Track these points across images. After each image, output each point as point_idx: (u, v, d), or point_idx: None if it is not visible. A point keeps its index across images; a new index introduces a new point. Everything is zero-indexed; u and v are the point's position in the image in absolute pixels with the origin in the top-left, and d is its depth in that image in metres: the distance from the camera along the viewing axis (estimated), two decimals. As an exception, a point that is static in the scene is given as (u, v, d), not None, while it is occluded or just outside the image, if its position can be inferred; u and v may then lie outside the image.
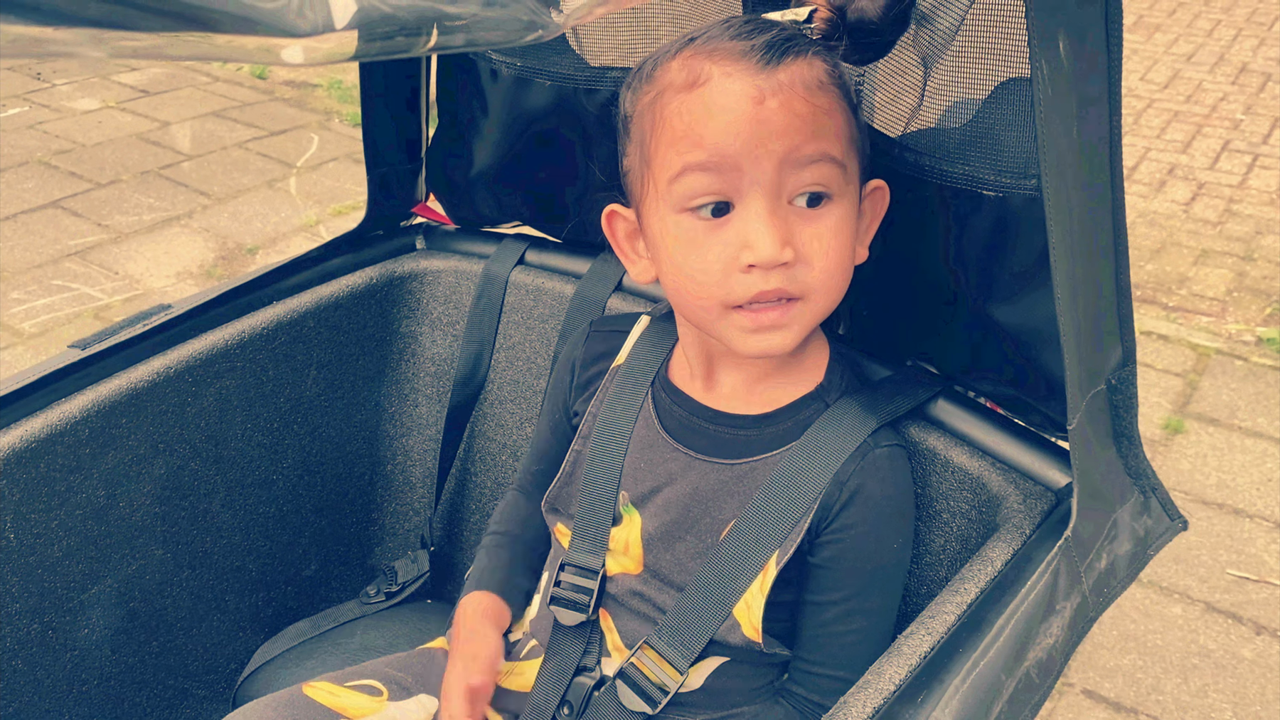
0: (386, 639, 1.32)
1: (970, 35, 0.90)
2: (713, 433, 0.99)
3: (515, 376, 1.34)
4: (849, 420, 0.96)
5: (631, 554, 1.01)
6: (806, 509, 0.94)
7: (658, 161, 0.89)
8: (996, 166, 0.90)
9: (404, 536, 1.44)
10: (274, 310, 1.24)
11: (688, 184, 0.87)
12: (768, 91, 0.84)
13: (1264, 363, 2.84)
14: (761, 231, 0.85)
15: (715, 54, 0.86)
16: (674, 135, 0.87)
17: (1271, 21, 5.29)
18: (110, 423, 1.10)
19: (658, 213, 0.91)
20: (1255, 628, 2.05)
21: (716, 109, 0.85)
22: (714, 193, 0.87)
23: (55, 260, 3.26)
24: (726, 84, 0.85)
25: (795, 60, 0.86)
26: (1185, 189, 3.79)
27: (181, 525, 1.21)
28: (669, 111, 0.88)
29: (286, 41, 0.39)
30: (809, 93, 0.85)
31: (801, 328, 0.90)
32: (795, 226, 0.87)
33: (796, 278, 0.88)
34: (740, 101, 0.84)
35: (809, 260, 0.87)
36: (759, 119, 0.84)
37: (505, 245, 1.34)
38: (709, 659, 0.98)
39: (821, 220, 0.88)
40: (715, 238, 0.88)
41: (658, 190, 0.90)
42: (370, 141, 1.30)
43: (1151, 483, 0.97)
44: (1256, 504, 2.36)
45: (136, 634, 1.19)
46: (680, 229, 0.89)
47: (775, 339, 0.89)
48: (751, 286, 0.87)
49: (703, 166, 0.86)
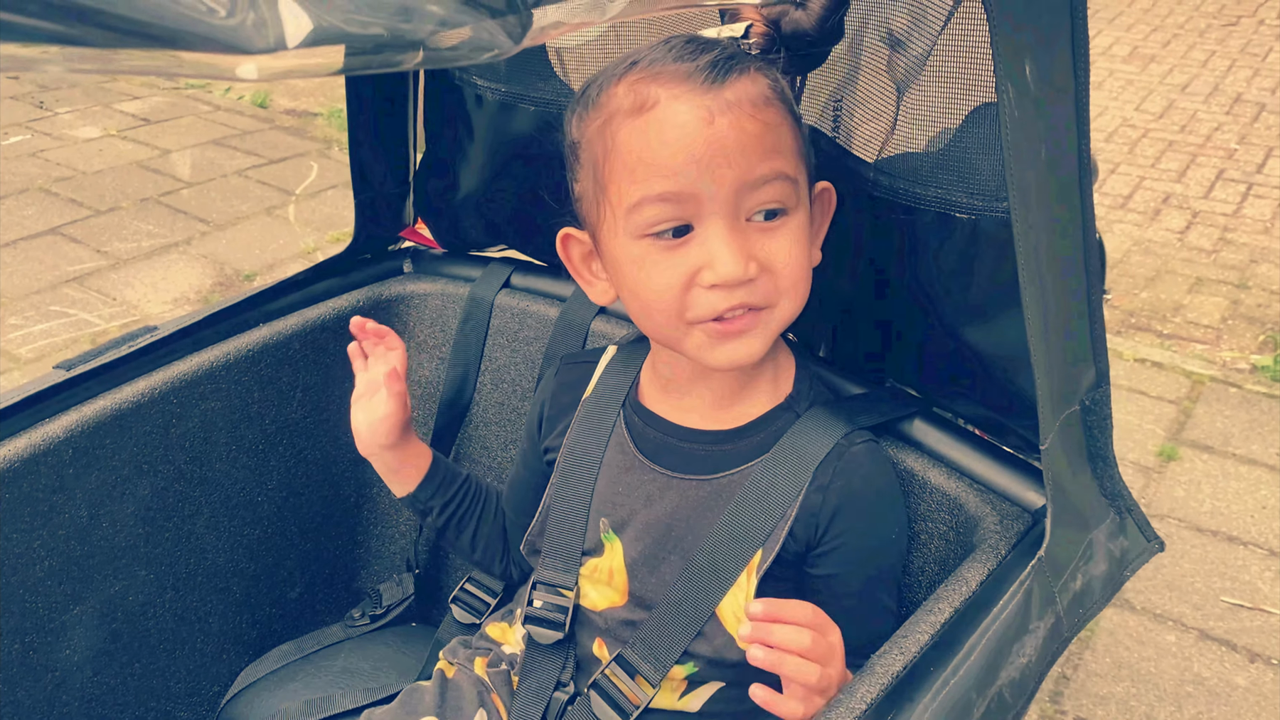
0: (370, 662, 1.32)
1: (943, 60, 0.91)
2: (687, 450, 1.00)
3: (500, 399, 1.34)
4: (821, 426, 0.97)
5: (616, 583, 1.01)
6: (783, 515, 0.94)
7: (613, 189, 0.89)
8: (969, 189, 0.91)
9: (389, 559, 1.44)
10: (260, 333, 1.25)
11: (646, 214, 0.87)
12: (716, 111, 0.85)
13: (1258, 390, 2.84)
14: (724, 252, 0.86)
15: (660, 76, 0.87)
16: (628, 163, 0.87)
17: (1265, 53, 5.33)
18: (94, 443, 1.11)
19: (616, 238, 0.91)
20: (1249, 655, 2.04)
21: (668, 134, 0.85)
22: (673, 219, 0.87)
23: (54, 286, 3.28)
24: (675, 106, 0.85)
25: (740, 77, 0.87)
26: (1180, 217, 3.80)
27: (165, 546, 1.21)
28: (620, 138, 0.88)
29: (242, 59, 0.41)
30: (755, 109, 0.86)
31: (768, 335, 0.91)
32: (755, 241, 0.88)
33: (759, 290, 0.88)
34: (690, 124, 0.85)
35: (771, 270, 0.88)
36: (711, 141, 0.84)
37: (491, 269, 1.35)
38: (708, 684, 0.98)
39: (779, 232, 0.89)
40: (675, 257, 0.88)
41: (615, 216, 0.90)
42: (358, 166, 1.31)
43: (1128, 503, 0.97)
44: (1251, 531, 2.35)
45: (119, 655, 1.19)
46: (639, 252, 0.89)
47: (742, 348, 0.90)
48: (715, 304, 0.88)
49: (661, 198, 0.86)
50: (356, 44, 0.42)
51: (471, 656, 1.12)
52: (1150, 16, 5.90)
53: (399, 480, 1.17)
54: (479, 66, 1.21)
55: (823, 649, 0.82)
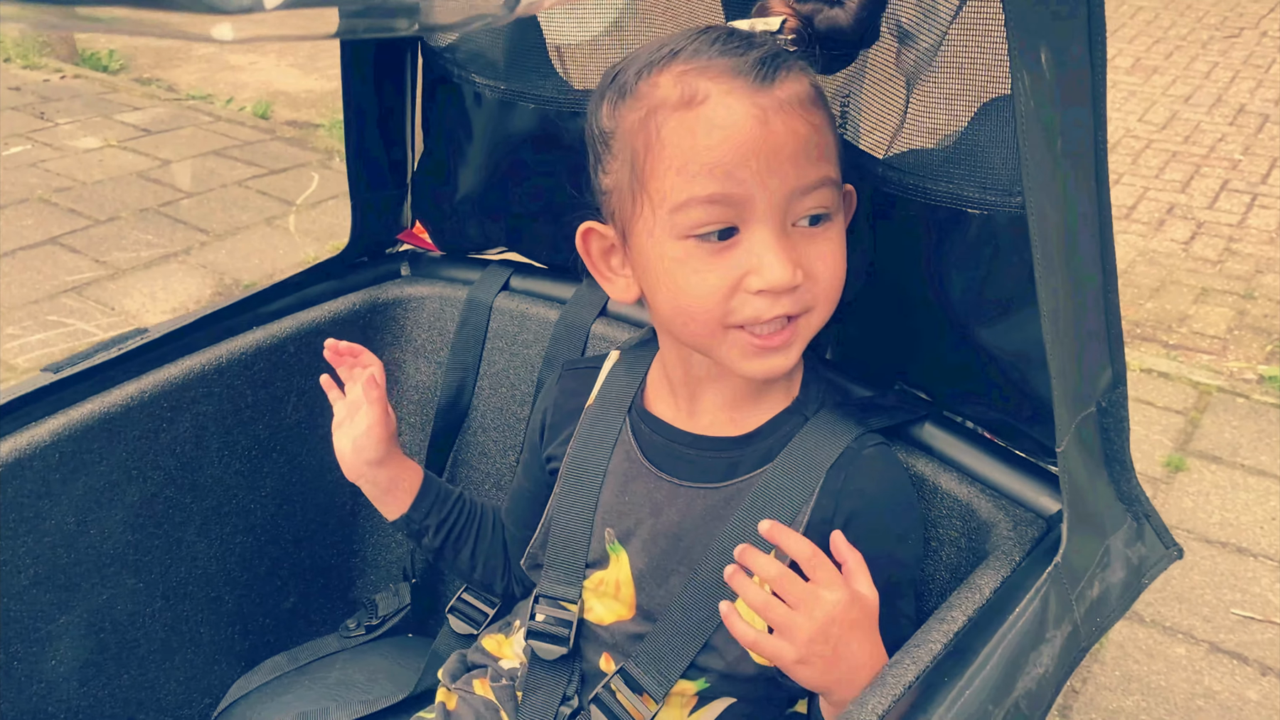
0: (366, 674, 1.29)
1: (954, 51, 0.89)
2: (694, 458, 0.97)
3: (499, 404, 1.31)
4: (830, 430, 0.94)
5: (623, 596, 0.98)
6: (793, 521, 0.91)
7: (655, 185, 0.85)
8: (981, 184, 0.88)
9: (385, 569, 1.41)
10: (253, 335, 1.22)
11: (693, 215, 0.83)
12: (770, 110, 0.81)
13: (1266, 400, 2.81)
14: (773, 259, 0.83)
15: (709, 70, 0.83)
16: (676, 160, 0.83)
17: (1269, 64, 5.32)
18: (82, 447, 1.08)
19: (653, 235, 0.87)
20: (1261, 668, 2.01)
21: (721, 133, 0.81)
22: (720, 221, 0.84)
23: (51, 296, 3.25)
24: (727, 103, 0.82)
25: (788, 76, 0.84)
26: (1184, 228, 3.78)
27: (155, 554, 1.18)
28: (665, 132, 0.84)
29: (218, 19, 0.38)
30: (804, 110, 0.84)
31: (802, 344, 0.89)
32: (800, 247, 0.85)
33: (804, 298, 0.86)
34: (744, 123, 0.81)
35: (815, 277, 0.86)
36: (766, 142, 0.81)
37: (490, 271, 1.32)
38: (720, 699, 0.95)
39: (823, 239, 0.87)
40: (719, 260, 0.84)
41: (655, 214, 0.86)
42: (354, 167, 1.28)
43: (1145, 509, 0.94)
44: (1260, 543, 2.32)
45: (106, 666, 1.16)
46: (680, 252, 0.85)
47: (779, 360, 0.88)
48: (759, 310, 0.85)
49: (711, 200, 0.82)
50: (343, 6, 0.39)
51: (470, 680, 1.08)
52: (1153, 29, 5.90)
53: (391, 501, 1.13)
54: (478, 63, 1.19)
55: (797, 591, 0.81)
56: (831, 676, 0.83)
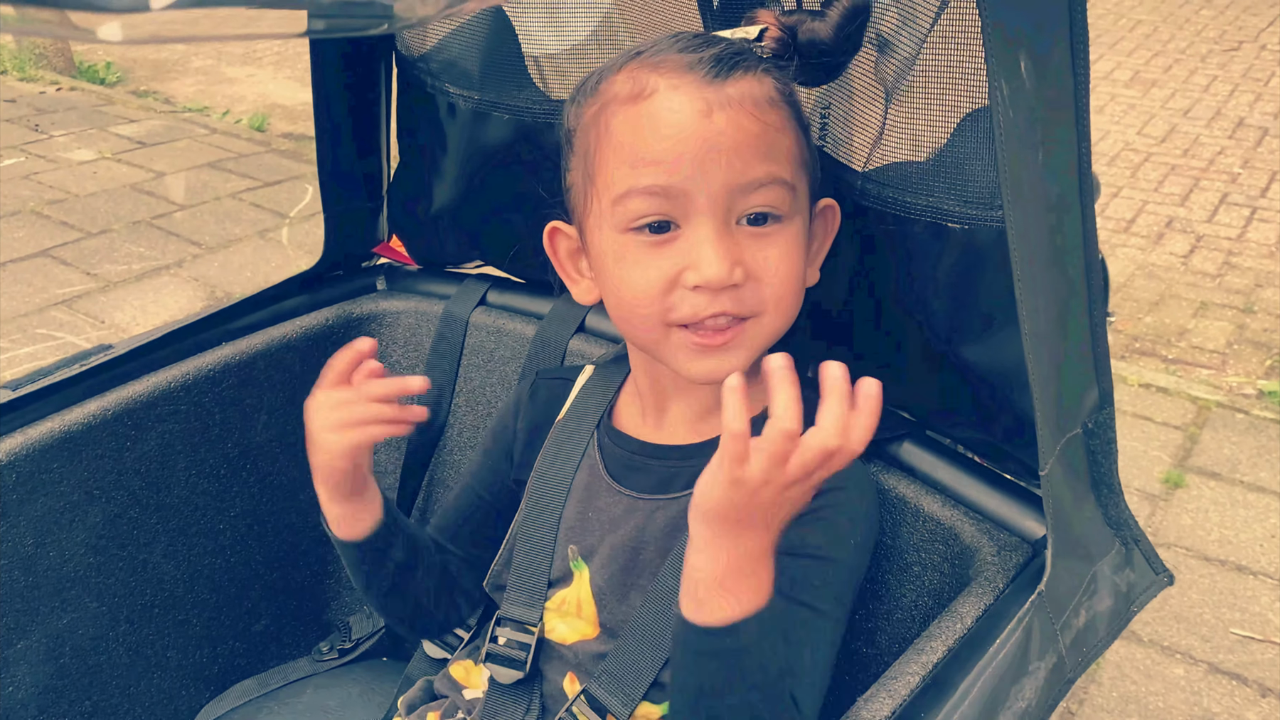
0: (338, 699, 1.25)
1: (933, 61, 0.86)
2: (657, 468, 0.94)
3: (475, 421, 1.28)
4: None
5: (585, 614, 0.95)
6: None
7: (602, 179, 0.85)
8: (962, 197, 0.86)
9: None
10: (222, 351, 1.19)
11: (632, 206, 0.83)
12: (715, 105, 0.80)
13: (1265, 416, 2.77)
14: (710, 254, 0.81)
15: (661, 66, 0.83)
16: (620, 152, 0.83)
17: (1268, 77, 5.29)
18: (40, 467, 1.05)
19: (601, 230, 0.87)
20: (1261, 689, 1.97)
21: (663, 123, 0.81)
22: (660, 213, 0.83)
23: (41, 309, 3.23)
24: (672, 96, 0.81)
25: (745, 75, 0.83)
26: (1184, 241, 3.75)
27: (119, 576, 1.15)
28: (614, 125, 0.84)
29: (105, 18, 0.35)
30: (758, 109, 0.82)
31: (751, 350, 0.86)
32: (743, 246, 0.83)
33: (744, 299, 0.83)
34: (687, 115, 0.80)
35: (758, 279, 0.83)
36: (707, 136, 0.80)
37: (466, 286, 1.30)
38: None
39: (770, 240, 0.84)
40: (659, 255, 0.83)
41: (601, 207, 0.86)
42: (327, 179, 1.26)
43: (1134, 534, 0.91)
44: (1260, 561, 2.28)
45: (67, 692, 1.12)
46: (623, 246, 0.85)
47: (724, 362, 0.84)
48: (697, 307, 0.83)
49: (649, 191, 0.82)
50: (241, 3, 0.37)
51: (424, 713, 1.04)
52: (1151, 42, 5.88)
53: (353, 515, 0.97)
54: (452, 73, 1.16)
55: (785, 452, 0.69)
56: (729, 539, 0.72)
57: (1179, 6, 6.55)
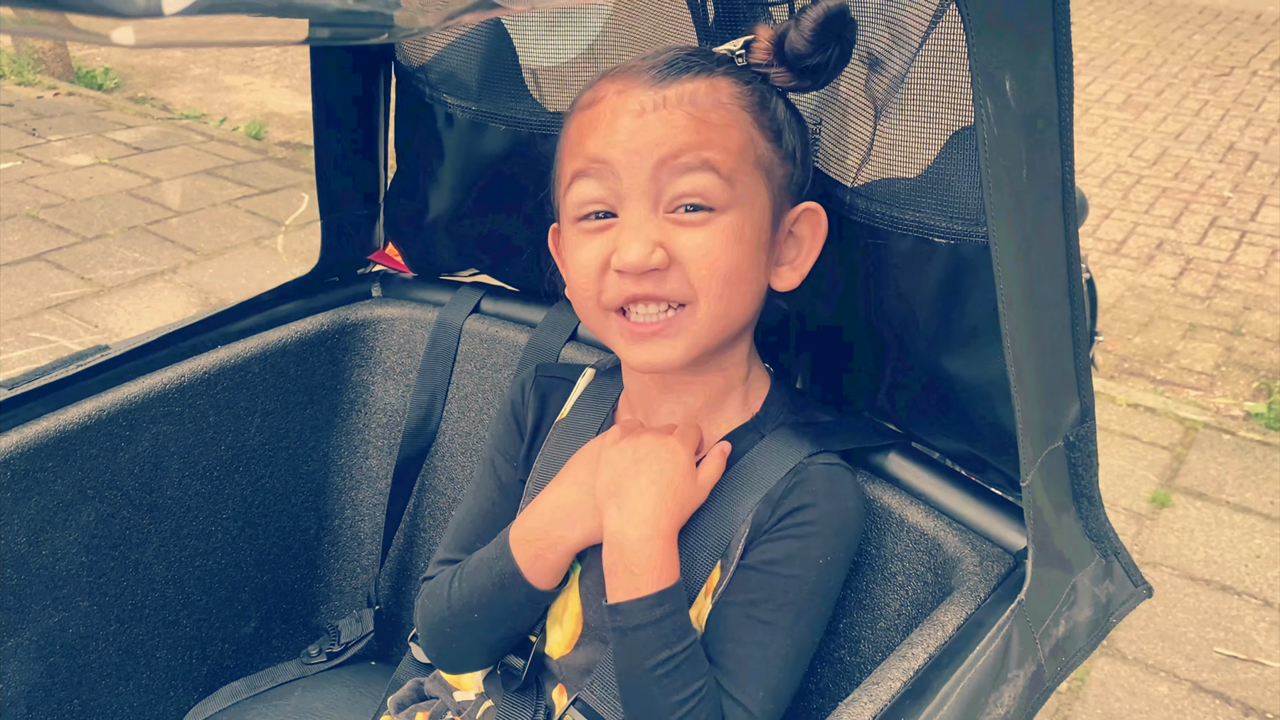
0: (325, 702, 1.26)
1: (923, 79, 0.88)
2: None
3: (467, 428, 1.29)
4: (784, 447, 0.93)
5: (571, 611, 0.96)
6: (736, 537, 0.90)
7: (560, 177, 0.92)
8: (948, 213, 0.87)
9: (349, 594, 1.38)
10: (217, 354, 1.20)
11: (576, 193, 0.89)
12: (649, 106, 0.85)
13: (1251, 437, 2.79)
14: (630, 236, 0.85)
15: (617, 74, 0.89)
16: (570, 150, 0.90)
17: (1258, 102, 5.34)
18: (35, 466, 1.06)
19: (563, 226, 0.93)
20: (1244, 709, 1.98)
21: (602, 121, 0.87)
22: (598, 200, 0.88)
23: (35, 313, 3.23)
24: (616, 100, 0.87)
25: (694, 78, 0.86)
26: (1174, 264, 3.78)
27: (110, 576, 1.15)
28: (570, 129, 0.91)
29: (118, 23, 0.37)
30: (696, 107, 0.85)
31: (691, 337, 0.88)
32: (670, 233, 0.86)
33: (671, 282, 0.86)
34: (622, 114, 0.86)
35: (684, 264, 0.86)
36: (636, 130, 0.85)
37: (461, 293, 1.31)
38: None
39: (701, 228, 0.86)
40: (595, 239, 0.88)
41: (562, 203, 0.92)
42: (324, 186, 1.27)
43: (1114, 546, 0.92)
44: (1244, 580, 2.30)
45: (56, 691, 1.13)
46: (572, 235, 0.91)
47: (661, 350, 0.88)
48: (624, 290, 0.87)
49: (585, 173, 0.87)
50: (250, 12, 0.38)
51: (414, 712, 1.05)
52: (1144, 65, 5.93)
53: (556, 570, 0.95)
54: (450, 83, 1.18)
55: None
56: (611, 505, 0.89)
57: (1172, 31, 6.61)
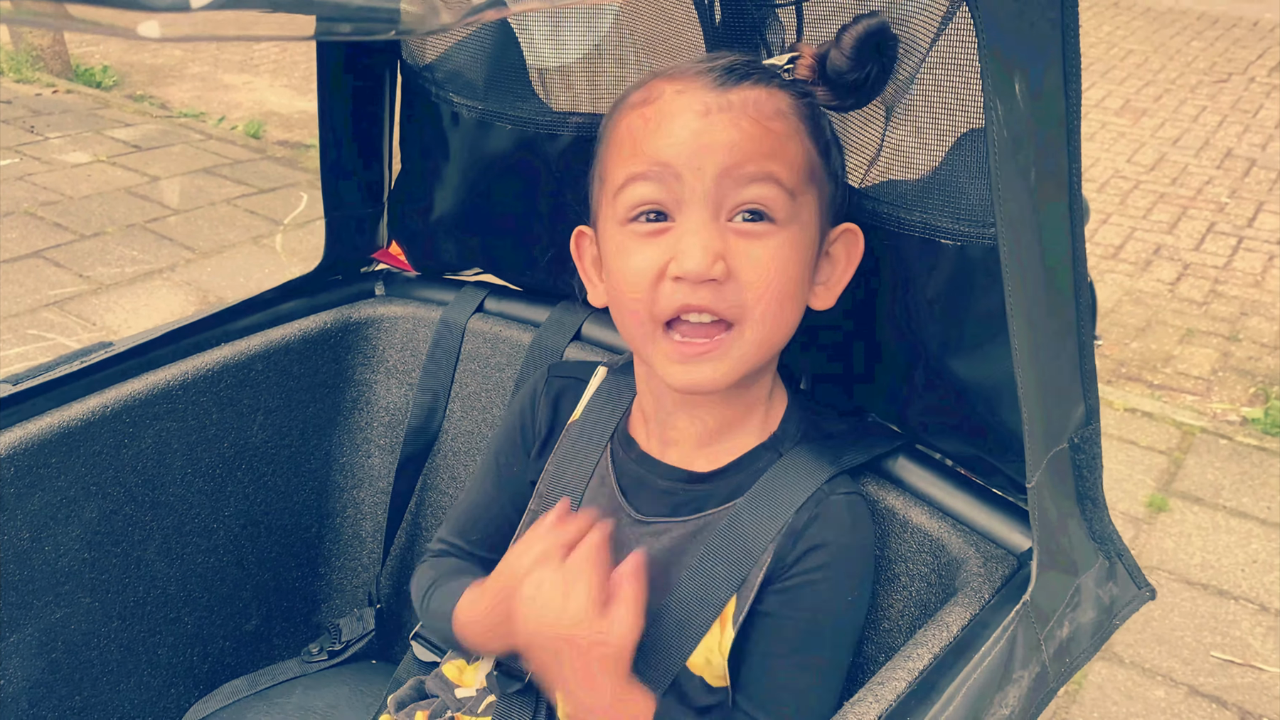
0: (326, 701, 1.26)
1: (932, 81, 0.88)
2: (665, 489, 0.95)
3: (470, 427, 1.30)
4: (801, 469, 0.92)
5: None
6: (758, 561, 0.89)
7: (608, 177, 0.89)
8: (955, 214, 0.87)
9: (351, 593, 1.38)
10: (220, 352, 1.20)
11: (630, 194, 0.86)
12: (715, 108, 0.83)
13: (1248, 442, 2.80)
14: (692, 243, 0.82)
15: (673, 74, 0.87)
16: (622, 148, 0.87)
17: (1256, 109, 5.36)
18: (39, 461, 1.06)
19: (606, 227, 0.90)
20: (1240, 713, 1.99)
21: (663, 120, 0.84)
22: (654, 202, 0.85)
23: (33, 310, 3.23)
24: (676, 99, 0.85)
25: (754, 86, 0.85)
26: (1171, 269, 3.79)
27: (113, 573, 1.15)
28: (620, 126, 0.88)
29: (143, 16, 0.37)
30: (761, 115, 0.84)
31: (735, 361, 0.86)
32: (731, 244, 0.84)
33: (727, 297, 0.84)
34: (685, 114, 0.83)
35: (740, 279, 0.84)
36: (701, 131, 0.83)
37: (464, 292, 1.31)
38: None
39: (760, 240, 0.84)
40: (649, 244, 0.86)
41: (606, 204, 0.89)
42: (329, 183, 1.27)
43: (1117, 548, 0.93)
44: (1241, 585, 2.31)
45: (58, 687, 1.13)
46: (621, 238, 0.87)
47: (705, 370, 0.85)
48: (678, 299, 0.84)
49: (644, 175, 0.85)
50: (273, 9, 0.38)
51: (414, 710, 1.05)
52: (1142, 71, 5.95)
53: None
54: (456, 82, 1.18)
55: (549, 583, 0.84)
56: (558, 682, 0.87)
57: (1170, 37, 6.63)
